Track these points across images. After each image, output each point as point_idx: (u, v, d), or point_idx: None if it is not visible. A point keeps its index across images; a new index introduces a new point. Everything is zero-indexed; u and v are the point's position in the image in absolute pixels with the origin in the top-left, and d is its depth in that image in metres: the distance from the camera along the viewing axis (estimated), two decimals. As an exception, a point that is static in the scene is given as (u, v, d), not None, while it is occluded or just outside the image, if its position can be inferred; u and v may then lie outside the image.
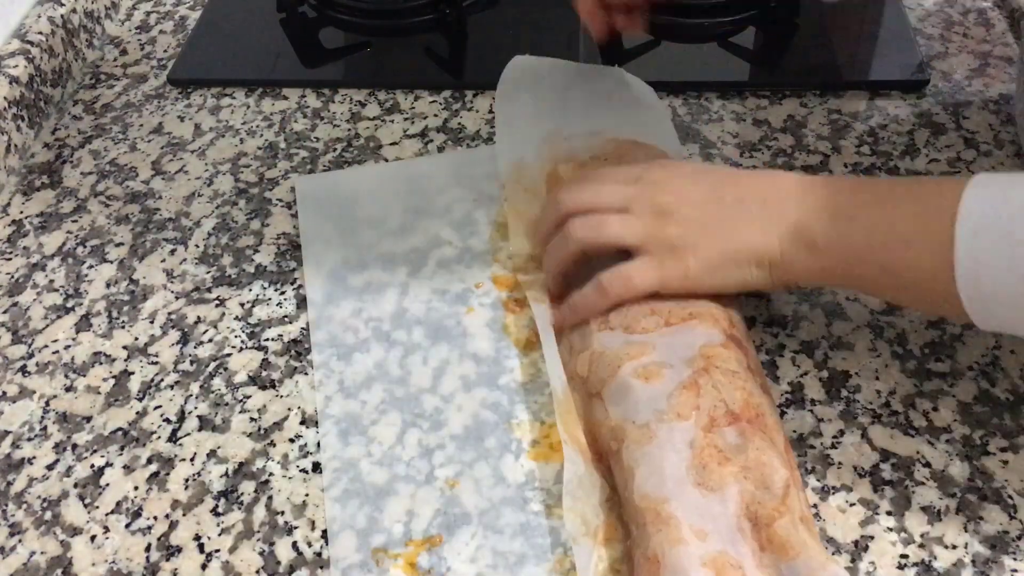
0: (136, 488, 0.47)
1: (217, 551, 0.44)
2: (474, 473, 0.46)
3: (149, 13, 0.81)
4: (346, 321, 0.53)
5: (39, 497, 0.47)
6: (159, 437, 0.49)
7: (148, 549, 0.45)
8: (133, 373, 0.53)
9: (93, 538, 0.45)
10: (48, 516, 0.46)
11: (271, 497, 0.46)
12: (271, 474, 0.47)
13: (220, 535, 0.45)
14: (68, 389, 0.52)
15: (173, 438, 0.49)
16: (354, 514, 0.45)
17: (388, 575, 0.42)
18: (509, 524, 0.44)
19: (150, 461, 0.48)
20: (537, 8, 0.77)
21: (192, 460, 0.48)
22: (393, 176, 0.62)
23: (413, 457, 0.47)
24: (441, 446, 0.47)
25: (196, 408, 0.50)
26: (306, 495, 0.46)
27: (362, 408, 0.49)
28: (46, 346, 0.54)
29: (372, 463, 0.47)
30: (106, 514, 0.46)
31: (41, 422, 0.50)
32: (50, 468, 0.48)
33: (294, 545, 0.44)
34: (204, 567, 0.44)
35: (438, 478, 0.46)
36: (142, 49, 0.77)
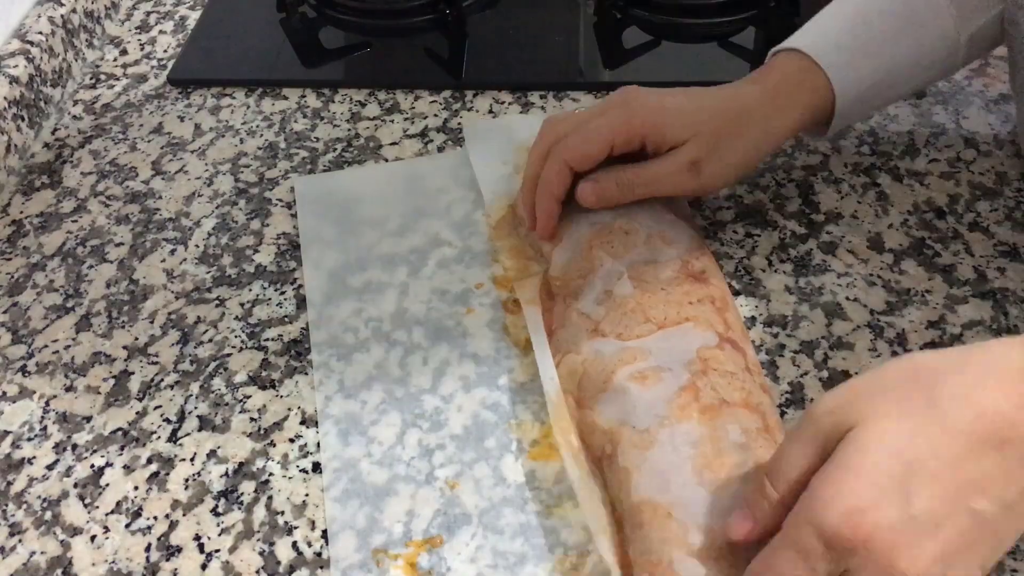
0: (136, 488, 0.47)
1: (217, 551, 0.44)
2: (474, 473, 0.46)
3: (149, 13, 0.81)
4: (346, 321, 0.53)
5: (39, 497, 0.47)
6: (159, 437, 0.49)
7: (148, 549, 0.45)
8: (133, 373, 0.53)
9: (93, 538, 0.45)
10: (48, 516, 0.46)
11: (271, 497, 0.46)
12: (271, 474, 0.47)
13: (220, 535, 0.45)
14: (68, 389, 0.52)
15: (173, 438, 0.49)
16: (354, 514, 0.45)
17: (388, 575, 0.43)
18: (509, 524, 0.44)
19: (150, 461, 0.48)
20: (537, 8, 0.77)
21: (192, 460, 0.48)
22: (393, 176, 0.62)
23: (413, 457, 0.47)
24: (441, 446, 0.47)
25: (196, 408, 0.50)
26: (306, 495, 0.46)
27: (362, 408, 0.49)
28: (46, 346, 0.54)
29: (372, 463, 0.47)
30: (106, 514, 0.46)
31: (41, 422, 0.50)
32: (50, 468, 0.48)
33: (294, 545, 0.44)
34: (204, 567, 0.44)
35: (438, 478, 0.46)
36: (142, 49, 0.77)
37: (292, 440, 0.49)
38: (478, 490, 0.45)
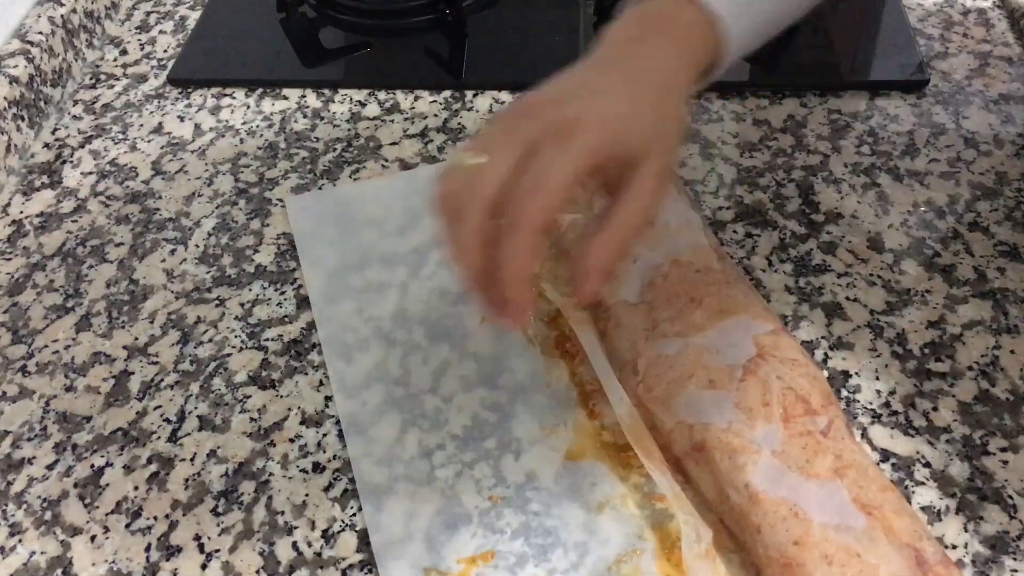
0: (136, 488, 0.47)
1: (217, 551, 0.44)
2: (474, 473, 0.46)
3: (149, 13, 0.81)
4: (346, 321, 0.53)
5: (39, 497, 0.47)
6: (159, 437, 0.49)
7: (148, 549, 0.45)
8: (133, 373, 0.53)
9: (93, 538, 0.45)
10: (48, 516, 0.46)
11: (271, 497, 0.46)
12: (271, 474, 0.47)
13: (220, 535, 0.45)
14: (68, 389, 0.52)
15: (173, 438, 0.49)
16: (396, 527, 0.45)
17: None
18: (509, 524, 0.44)
19: (150, 461, 0.48)
20: (537, 8, 0.77)
21: (192, 460, 0.48)
22: (391, 183, 0.62)
23: (413, 457, 0.47)
24: (441, 446, 0.47)
25: (196, 408, 0.50)
26: (306, 495, 0.46)
27: (362, 408, 0.49)
28: (46, 346, 0.54)
29: (372, 463, 0.47)
30: (106, 514, 0.46)
31: (41, 422, 0.50)
32: (50, 468, 0.48)
33: (294, 545, 0.44)
34: (204, 567, 0.44)
35: (438, 478, 0.46)
36: (142, 49, 0.77)
37: (292, 440, 0.49)
38: (478, 490, 0.45)
